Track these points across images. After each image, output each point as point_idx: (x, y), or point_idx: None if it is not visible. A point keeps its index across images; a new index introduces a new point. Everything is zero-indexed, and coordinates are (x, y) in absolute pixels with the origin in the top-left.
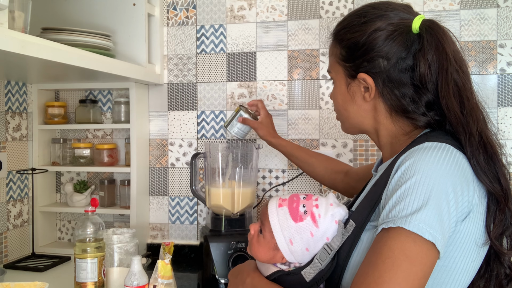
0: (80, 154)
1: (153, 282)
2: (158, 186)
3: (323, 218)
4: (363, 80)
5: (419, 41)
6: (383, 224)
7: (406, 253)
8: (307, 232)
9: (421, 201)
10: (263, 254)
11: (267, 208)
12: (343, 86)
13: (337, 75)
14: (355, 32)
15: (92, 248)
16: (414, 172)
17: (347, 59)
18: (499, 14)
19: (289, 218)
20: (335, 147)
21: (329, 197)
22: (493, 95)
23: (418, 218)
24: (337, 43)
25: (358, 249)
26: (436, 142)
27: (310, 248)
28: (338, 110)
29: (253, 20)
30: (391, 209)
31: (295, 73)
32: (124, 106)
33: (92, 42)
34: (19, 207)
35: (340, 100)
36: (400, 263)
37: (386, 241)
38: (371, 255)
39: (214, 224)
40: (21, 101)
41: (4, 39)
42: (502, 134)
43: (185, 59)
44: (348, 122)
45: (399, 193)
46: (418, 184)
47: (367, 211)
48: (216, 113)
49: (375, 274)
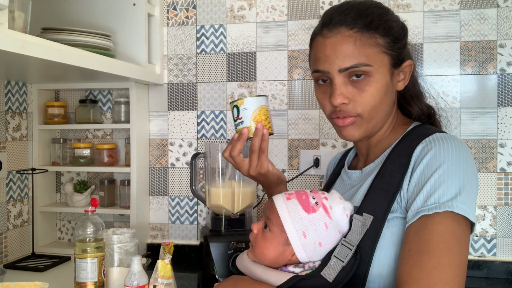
0: (80, 154)
1: (153, 282)
2: (158, 186)
3: (335, 210)
4: (408, 68)
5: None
6: (422, 211)
7: (456, 235)
8: (321, 223)
9: (458, 186)
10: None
11: (273, 202)
12: (387, 76)
13: (380, 66)
14: (393, 21)
15: (92, 248)
16: (444, 160)
17: (393, 48)
18: (499, 14)
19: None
20: (335, 147)
21: (335, 193)
22: (493, 95)
23: (461, 201)
24: (376, 33)
25: (382, 242)
26: (445, 133)
27: (323, 243)
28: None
29: (253, 20)
30: (427, 196)
31: (295, 73)
32: (124, 106)
33: (92, 42)
34: (19, 207)
35: (384, 93)
36: (453, 246)
37: (433, 227)
38: (418, 243)
39: (214, 224)
40: (21, 101)
41: (4, 39)
42: (502, 134)
43: (185, 59)
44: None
45: (433, 181)
46: (451, 171)
47: (386, 202)
48: (216, 113)
49: (432, 260)
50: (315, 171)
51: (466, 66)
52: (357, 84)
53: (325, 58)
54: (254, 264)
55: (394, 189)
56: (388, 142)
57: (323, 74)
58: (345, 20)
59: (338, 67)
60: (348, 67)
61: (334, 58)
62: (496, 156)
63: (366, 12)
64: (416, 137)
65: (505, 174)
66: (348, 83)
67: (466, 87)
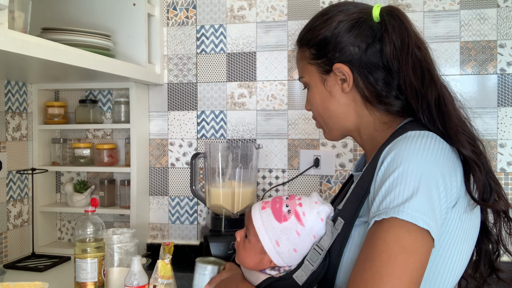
0: (80, 154)
1: (153, 282)
2: (158, 186)
3: (308, 216)
4: (338, 71)
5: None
6: (374, 217)
7: (401, 244)
8: (293, 231)
9: (411, 190)
10: (250, 260)
11: (250, 212)
12: (319, 85)
13: (310, 76)
14: (321, 29)
15: (92, 248)
16: (401, 162)
17: (319, 56)
18: (499, 14)
19: (272, 219)
20: (335, 147)
21: (313, 196)
22: (493, 95)
23: (410, 206)
24: (305, 46)
25: (350, 246)
26: (420, 131)
27: (298, 249)
28: (318, 113)
29: (253, 20)
30: (381, 201)
31: (295, 73)
32: (124, 106)
33: (92, 42)
34: (19, 207)
35: (319, 100)
36: (396, 255)
37: (380, 234)
38: (365, 250)
39: (214, 224)
40: (21, 101)
41: (4, 39)
42: (502, 134)
43: (185, 59)
44: (331, 123)
45: (388, 184)
46: (407, 173)
47: (355, 206)
48: (216, 113)
49: (372, 269)
50: (315, 171)
51: (466, 66)
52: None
53: None
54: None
55: (363, 193)
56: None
57: None
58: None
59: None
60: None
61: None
62: (496, 156)
63: (304, 27)
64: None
65: (505, 174)
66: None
67: (466, 87)
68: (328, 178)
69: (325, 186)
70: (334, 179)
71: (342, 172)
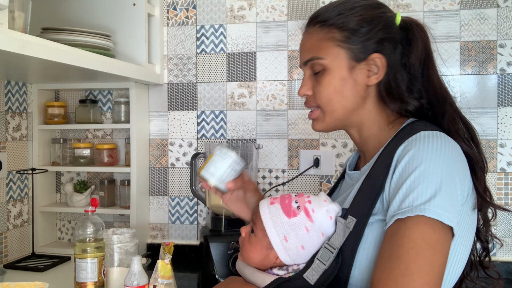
0: (80, 154)
1: (153, 282)
2: (158, 186)
3: (317, 213)
4: (373, 62)
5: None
6: (396, 215)
7: (427, 241)
8: (302, 227)
9: (434, 188)
10: (255, 254)
11: (258, 207)
12: (344, 70)
13: (334, 59)
14: (359, 15)
15: (92, 248)
16: (421, 161)
17: (353, 41)
18: (499, 14)
19: (282, 214)
20: (335, 147)
21: (321, 195)
22: (493, 95)
23: (435, 204)
24: (334, 27)
25: (364, 245)
26: (432, 131)
27: (305, 246)
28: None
29: (253, 20)
30: (403, 199)
31: (295, 73)
32: (124, 106)
33: (92, 42)
34: (19, 207)
35: (338, 86)
36: (424, 252)
37: (405, 232)
38: (390, 247)
39: (214, 224)
40: (21, 101)
41: (4, 39)
42: (502, 134)
43: (185, 59)
44: (336, 112)
45: (409, 183)
46: (428, 172)
47: (368, 205)
48: (216, 113)
49: (400, 266)
50: (315, 171)
51: (466, 66)
52: (316, 77)
53: (299, 54)
54: (245, 266)
55: (376, 191)
56: (380, 140)
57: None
58: (312, 18)
59: (302, 61)
60: (306, 61)
61: (301, 53)
62: (496, 156)
63: (330, 9)
64: (404, 136)
65: (505, 174)
66: (312, 77)
67: (466, 87)
68: (328, 178)
69: (325, 186)
70: (334, 179)
71: None
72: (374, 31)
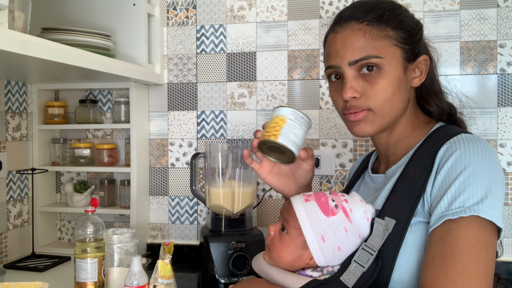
0: (80, 154)
1: (153, 282)
2: (158, 186)
3: (355, 213)
4: (421, 64)
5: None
6: (445, 215)
7: (481, 241)
8: (341, 227)
9: (484, 189)
10: (288, 254)
11: (290, 204)
12: (400, 71)
13: (391, 59)
14: (406, 16)
15: (92, 248)
16: (469, 162)
17: (408, 41)
18: (499, 14)
19: (319, 212)
20: (335, 147)
21: (355, 195)
22: (493, 95)
23: (487, 205)
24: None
25: (404, 247)
26: (470, 134)
27: (342, 247)
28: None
29: (253, 20)
30: (452, 200)
31: (295, 73)
32: (124, 106)
33: (92, 42)
34: (19, 207)
35: (396, 86)
36: (479, 252)
37: (458, 232)
38: (442, 248)
39: (214, 224)
40: (21, 101)
41: (4, 39)
42: (502, 134)
43: (185, 59)
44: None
45: (458, 184)
46: (477, 173)
47: (409, 206)
48: (216, 113)
49: (457, 267)
50: (315, 171)
51: (466, 66)
52: (368, 78)
53: (335, 52)
54: (271, 266)
55: (417, 192)
56: (409, 143)
57: (335, 70)
58: (355, 14)
59: (348, 60)
60: (358, 60)
61: (344, 52)
62: None
63: (378, 7)
64: (440, 138)
65: (505, 174)
66: (359, 77)
67: (466, 87)
68: (328, 178)
69: (325, 186)
70: (334, 179)
71: (342, 172)
72: (420, 33)
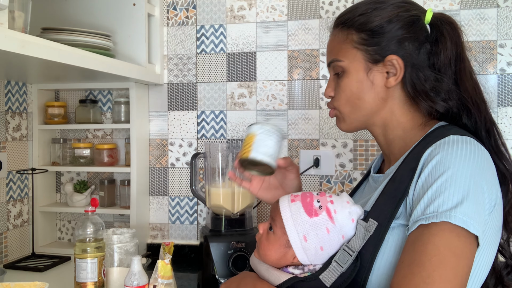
0: (80, 154)
1: (153, 282)
2: (158, 186)
3: (339, 214)
4: (390, 64)
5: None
6: (420, 220)
7: (452, 249)
8: (323, 228)
9: (461, 195)
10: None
11: (278, 204)
12: (361, 72)
13: (352, 61)
14: (377, 16)
15: (92, 248)
16: (449, 166)
17: (370, 43)
18: (499, 14)
19: (303, 213)
20: (335, 147)
21: (343, 196)
22: (493, 95)
23: (462, 211)
24: (352, 29)
25: (384, 249)
26: (461, 136)
27: (324, 247)
28: (348, 101)
29: (253, 20)
30: (428, 204)
31: (295, 73)
32: (124, 106)
33: (92, 42)
34: (19, 207)
35: (356, 88)
36: (448, 260)
37: (428, 238)
38: (412, 253)
39: (214, 224)
40: (21, 101)
41: (4, 39)
42: (502, 134)
43: (185, 59)
44: (357, 114)
45: (435, 188)
46: (456, 177)
47: (391, 208)
48: (216, 113)
49: (423, 273)
50: (315, 171)
51: None
52: (337, 79)
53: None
54: (260, 262)
55: (400, 195)
56: (405, 143)
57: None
58: (335, 21)
59: (326, 63)
60: (328, 63)
61: (326, 55)
62: None
63: (353, 11)
64: (432, 140)
65: None
66: (335, 78)
67: None
68: (328, 178)
69: (325, 186)
70: (334, 179)
71: (342, 172)
72: (392, 31)
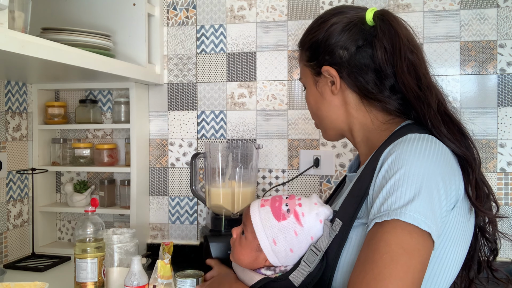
0: (80, 154)
1: (153, 282)
2: (158, 186)
3: (307, 217)
4: (327, 73)
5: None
6: (375, 218)
7: (403, 246)
8: (291, 231)
9: (413, 192)
10: (245, 257)
11: (249, 209)
12: (313, 86)
13: (306, 78)
14: (315, 32)
15: (92, 248)
16: (402, 164)
17: (311, 58)
18: (499, 14)
19: (271, 217)
20: (335, 147)
21: (312, 197)
22: (493, 95)
23: (413, 208)
24: (302, 49)
25: (348, 248)
26: (419, 134)
27: (294, 249)
28: (314, 113)
29: (253, 20)
30: (382, 202)
31: (295, 73)
32: (124, 106)
33: (92, 42)
34: (19, 207)
35: (313, 101)
36: (398, 257)
37: (381, 236)
38: (366, 251)
39: (214, 224)
40: (21, 101)
41: (4, 39)
42: (502, 134)
43: (185, 59)
44: (325, 123)
45: (389, 186)
46: (408, 175)
47: (354, 208)
48: (216, 113)
49: (374, 271)
50: (315, 171)
51: (466, 66)
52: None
53: None
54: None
55: (362, 194)
56: (374, 144)
57: None
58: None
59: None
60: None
61: None
62: (496, 156)
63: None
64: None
65: (505, 174)
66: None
67: (466, 87)
68: (328, 178)
69: (325, 186)
70: (334, 179)
71: (342, 172)
72: (326, 43)
